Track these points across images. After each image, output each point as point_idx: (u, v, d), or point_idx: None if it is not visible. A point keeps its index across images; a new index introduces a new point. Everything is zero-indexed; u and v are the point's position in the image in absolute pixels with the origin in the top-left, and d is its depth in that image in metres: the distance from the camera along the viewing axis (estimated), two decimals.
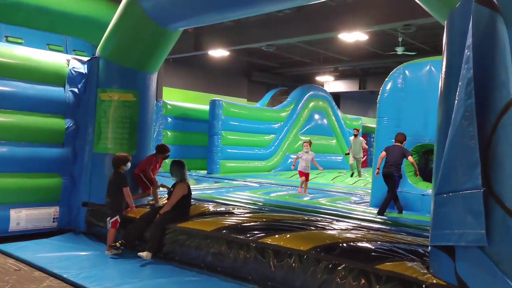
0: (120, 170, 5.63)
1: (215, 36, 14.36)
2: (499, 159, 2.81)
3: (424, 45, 16.03)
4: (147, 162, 6.33)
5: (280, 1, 4.99)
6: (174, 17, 5.85)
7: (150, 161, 6.37)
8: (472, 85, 2.90)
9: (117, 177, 5.62)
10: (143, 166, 6.28)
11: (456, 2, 3.29)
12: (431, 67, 7.40)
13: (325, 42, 16.78)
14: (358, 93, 25.51)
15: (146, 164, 6.31)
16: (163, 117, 13.65)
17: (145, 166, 6.29)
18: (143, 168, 6.27)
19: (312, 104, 16.80)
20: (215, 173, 13.31)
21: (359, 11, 10.94)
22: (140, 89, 6.38)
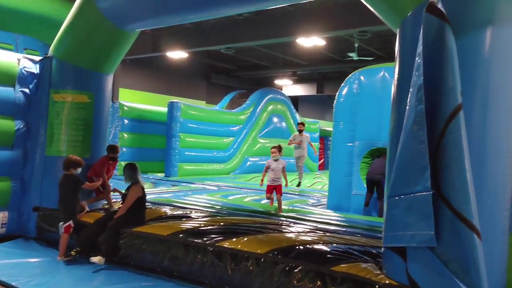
0: (70, 173, 5.47)
1: (174, 38, 14.23)
2: (447, 163, 2.92)
3: (379, 51, 16.51)
4: (100, 164, 6.17)
5: (239, 5, 5.00)
6: (131, 18, 5.76)
7: (103, 163, 6.20)
8: (423, 92, 3.01)
9: (69, 179, 5.45)
10: (97, 168, 6.12)
11: (408, 11, 3.41)
12: (385, 73, 7.62)
13: (284, 46, 16.97)
14: (315, 97, 25.95)
15: (100, 166, 6.15)
16: (120, 119, 13.36)
17: (99, 168, 6.13)
18: (96, 171, 6.11)
19: (271, 107, 16.93)
20: (173, 176, 13.16)
21: (316, 16, 11.16)
22: (95, 90, 6.23)
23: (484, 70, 3.08)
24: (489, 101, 3.08)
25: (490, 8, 3.08)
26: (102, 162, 6.19)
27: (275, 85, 23.14)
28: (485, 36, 3.07)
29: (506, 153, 3.17)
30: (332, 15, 10.92)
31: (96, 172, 6.08)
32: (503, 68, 3.12)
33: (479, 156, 3.05)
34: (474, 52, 3.09)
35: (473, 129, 3.03)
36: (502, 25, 3.09)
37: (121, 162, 12.82)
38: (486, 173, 3.09)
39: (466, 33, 3.08)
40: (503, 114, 3.13)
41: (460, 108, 2.89)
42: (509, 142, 3.18)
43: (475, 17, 3.10)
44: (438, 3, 3.05)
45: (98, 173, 6.08)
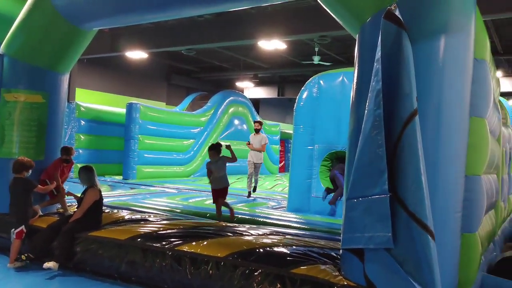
0: (22, 176, 5.25)
1: (134, 37, 13.97)
2: (402, 166, 3.00)
3: (338, 56, 16.82)
4: (54, 167, 5.95)
5: (198, 7, 4.96)
6: (88, 16, 5.60)
7: (57, 165, 5.99)
8: (381, 97, 3.08)
9: (20, 183, 5.23)
10: (50, 171, 5.90)
11: (367, 18, 3.48)
12: (344, 78, 7.76)
13: (245, 49, 17.00)
14: (276, 100, 26.13)
15: (53, 169, 5.93)
16: (76, 120, 12.99)
17: (52, 171, 5.91)
18: (50, 174, 5.89)
19: (232, 109, 16.91)
20: (131, 179, 12.91)
21: (277, 20, 11.24)
22: (49, 90, 6.01)
23: (438, 76, 3.19)
24: (443, 106, 3.19)
25: (443, 17, 3.19)
26: (55, 165, 5.97)
27: (236, 87, 23.14)
28: (439, 43, 3.18)
29: (458, 156, 3.29)
30: (293, 19, 11.04)
31: (50, 175, 5.87)
32: (455, 74, 3.24)
33: (433, 159, 3.15)
34: (429, 58, 3.20)
35: (428, 133, 3.13)
36: (455, 33, 3.22)
37: (77, 164, 12.47)
38: (439, 176, 3.19)
39: (421, 40, 3.18)
40: (455, 119, 3.25)
41: (416, 113, 2.97)
42: (461, 146, 3.31)
43: (430, 25, 3.21)
44: (396, 11, 3.13)
45: (52, 176, 5.86)
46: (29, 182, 5.29)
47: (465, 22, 3.28)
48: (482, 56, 3.62)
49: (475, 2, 3.38)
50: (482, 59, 3.60)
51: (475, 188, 3.53)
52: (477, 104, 3.47)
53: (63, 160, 6.06)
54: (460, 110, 3.25)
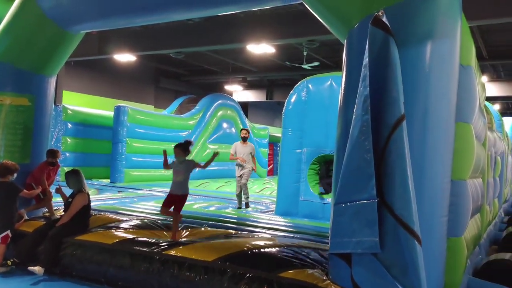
0: (6, 180, 5.19)
1: (122, 40, 13.90)
2: (390, 171, 3.02)
3: (326, 59, 16.90)
4: (40, 170, 5.88)
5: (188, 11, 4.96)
6: (75, 19, 5.56)
7: (42, 169, 5.92)
8: (369, 102, 3.10)
9: (5, 187, 5.16)
10: (36, 175, 5.84)
11: (354, 23, 3.51)
12: (332, 82, 7.80)
13: (234, 52, 17.01)
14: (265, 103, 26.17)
15: (39, 172, 5.86)
16: (63, 123, 12.86)
17: (38, 174, 5.85)
18: (36, 177, 5.83)
19: (220, 112, 16.88)
20: (119, 182, 12.81)
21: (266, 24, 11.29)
22: (36, 93, 5.95)
23: (424, 81, 3.23)
24: (429, 111, 3.23)
25: (429, 23, 3.23)
26: (41, 168, 5.91)
27: (225, 91, 23.13)
28: (425, 49, 3.22)
29: (444, 161, 3.33)
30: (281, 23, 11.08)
31: (36, 178, 5.80)
32: (442, 80, 3.28)
33: (419, 164, 3.18)
34: (416, 64, 3.23)
35: (415, 138, 3.16)
36: (440, 39, 3.26)
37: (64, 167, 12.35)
38: (426, 181, 3.22)
39: (408, 46, 3.21)
40: (442, 124, 3.28)
41: (403, 118, 3.00)
42: (447, 151, 3.35)
43: (416, 31, 3.24)
44: (383, 17, 3.16)
45: (38, 179, 5.80)
46: (14, 186, 5.23)
47: (451, 29, 3.32)
48: (468, 62, 3.67)
49: (461, 9, 3.43)
50: (467, 65, 3.65)
51: (461, 193, 3.57)
52: (462, 109, 3.51)
53: (49, 163, 6.00)
54: (446, 115, 3.29)
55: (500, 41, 14.46)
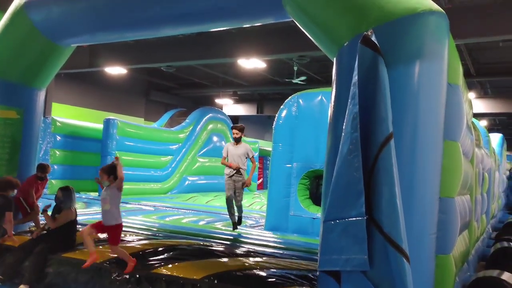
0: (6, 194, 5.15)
1: (113, 53, 13.90)
2: (378, 189, 3.03)
3: (317, 75, 17.04)
4: (28, 184, 5.82)
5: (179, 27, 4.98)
6: (66, 32, 5.55)
7: (31, 183, 5.86)
8: (358, 120, 3.12)
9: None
10: (25, 188, 5.77)
11: (344, 42, 3.55)
12: (323, 97, 7.85)
13: (225, 66, 17.09)
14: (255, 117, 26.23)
15: (28, 186, 5.80)
16: (52, 135, 12.77)
17: (27, 188, 5.78)
18: (25, 191, 5.76)
19: (211, 126, 16.88)
20: None
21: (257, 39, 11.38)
22: (25, 106, 5.91)
23: (413, 100, 3.26)
24: (418, 129, 3.26)
25: (418, 43, 3.28)
26: (30, 182, 5.85)
27: (215, 104, 23.17)
28: (414, 68, 3.26)
29: (433, 179, 3.35)
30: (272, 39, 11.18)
31: (24, 192, 5.73)
32: (430, 98, 3.32)
33: (408, 182, 3.20)
34: (404, 83, 3.26)
35: (403, 156, 3.18)
36: (428, 59, 3.30)
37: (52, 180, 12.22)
38: (414, 198, 3.24)
39: (397, 65, 3.25)
40: (430, 142, 3.31)
41: (391, 136, 3.02)
42: (435, 169, 3.37)
43: (405, 51, 3.29)
44: (372, 36, 3.20)
45: (27, 193, 5.73)
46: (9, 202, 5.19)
47: (439, 48, 3.37)
48: (455, 81, 3.72)
49: (448, 29, 3.49)
50: (455, 84, 3.70)
51: (449, 210, 3.59)
52: (450, 128, 3.55)
53: (38, 178, 5.95)
54: (435, 133, 3.32)
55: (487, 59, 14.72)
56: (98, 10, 4.97)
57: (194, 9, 4.58)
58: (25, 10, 5.42)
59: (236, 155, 7.43)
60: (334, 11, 3.58)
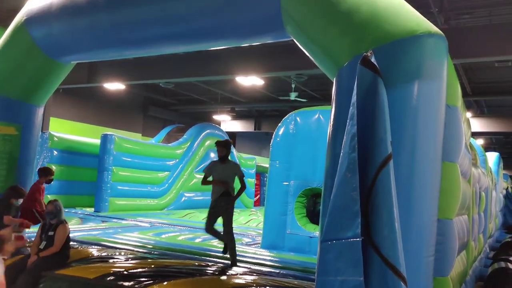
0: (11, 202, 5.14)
1: (112, 69, 13.95)
2: (376, 210, 3.02)
3: (314, 92, 17.13)
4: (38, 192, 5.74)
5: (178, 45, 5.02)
6: (66, 50, 5.58)
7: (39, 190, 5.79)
8: (356, 140, 3.12)
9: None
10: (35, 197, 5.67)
11: (344, 62, 3.57)
12: (320, 115, 7.88)
13: (223, 83, 17.17)
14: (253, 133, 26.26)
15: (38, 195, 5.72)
16: (49, 150, 12.74)
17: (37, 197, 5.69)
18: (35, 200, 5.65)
19: (208, 142, 16.87)
20: (103, 211, 12.61)
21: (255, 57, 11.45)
22: (23, 122, 5.90)
23: (412, 121, 3.28)
24: (416, 151, 3.27)
25: (417, 64, 3.31)
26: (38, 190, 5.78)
27: (213, 120, 23.21)
28: (413, 89, 3.28)
29: (431, 200, 3.34)
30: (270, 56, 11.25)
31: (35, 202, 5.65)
32: (429, 120, 3.33)
33: (406, 203, 3.19)
34: (403, 104, 3.28)
35: (402, 178, 3.17)
36: (427, 80, 3.33)
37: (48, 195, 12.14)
38: (413, 220, 3.23)
39: (396, 86, 3.27)
40: (429, 163, 3.31)
41: (390, 158, 3.02)
42: (434, 190, 3.37)
43: (404, 72, 3.31)
44: (372, 57, 3.22)
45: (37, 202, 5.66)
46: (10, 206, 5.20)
47: (437, 70, 3.40)
48: (454, 102, 3.74)
49: (447, 51, 3.52)
50: (453, 106, 3.72)
51: (447, 232, 3.58)
52: (449, 149, 3.56)
53: (47, 181, 5.92)
54: (433, 155, 3.33)
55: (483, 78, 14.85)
56: (98, 29, 5.01)
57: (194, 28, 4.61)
58: (26, 27, 5.45)
59: (224, 175, 6.23)
60: (335, 32, 3.62)
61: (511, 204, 20.21)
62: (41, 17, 5.36)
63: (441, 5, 9.62)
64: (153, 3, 4.58)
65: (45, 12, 5.30)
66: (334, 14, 3.61)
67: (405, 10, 3.52)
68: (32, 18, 5.41)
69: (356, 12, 3.49)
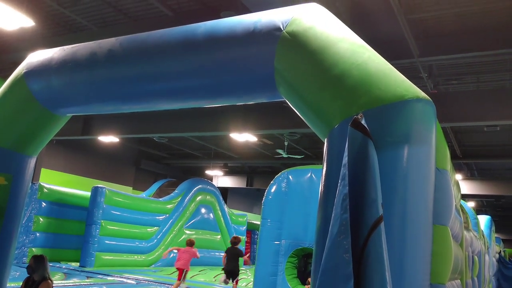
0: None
1: (106, 123, 14.11)
2: (368, 273, 2.98)
3: (307, 150, 17.29)
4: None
5: (174, 102, 5.11)
6: (64, 103, 5.65)
7: None
8: (348, 201, 3.12)
9: None
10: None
11: (335, 124, 3.65)
12: (312, 174, 7.92)
13: (216, 139, 17.34)
14: (245, 190, 26.18)
15: None
16: (37, 201, 12.58)
17: None
18: None
19: (199, 197, 16.78)
20: (89, 267, 12.28)
21: (249, 115, 11.67)
22: (14, 172, 5.85)
23: (402, 184, 3.30)
24: (407, 213, 3.27)
25: (405, 129, 3.39)
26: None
27: (206, 175, 23.18)
28: (402, 152, 3.33)
29: (423, 264, 3.31)
30: (264, 115, 11.49)
31: None
32: (419, 182, 3.36)
33: (398, 267, 3.15)
34: (393, 166, 3.32)
35: (393, 240, 3.16)
36: (416, 144, 3.39)
37: (33, 248, 11.85)
38: (405, 284, 3.17)
39: (386, 149, 3.32)
40: (420, 226, 3.31)
41: (381, 219, 3.02)
42: (426, 254, 3.34)
43: (393, 135, 3.38)
44: (362, 119, 3.30)
45: None
46: None
47: (426, 134, 3.47)
48: (443, 166, 3.79)
49: (435, 115, 3.62)
50: (443, 169, 3.77)
51: None
52: (439, 212, 3.57)
53: None
54: (424, 218, 3.33)
55: (473, 142, 15.14)
56: (96, 84, 5.11)
57: (190, 87, 4.72)
58: (25, 79, 5.55)
59: None
60: (326, 95, 3.72)
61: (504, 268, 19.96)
62: (40, 70, 5.47)
63: (430, 71, 9.98)
64: (151, 61, 4.72)
65: (45, 65, 5.42)
66: (326, 78, 3.73)
67: (394, 76, 3.65)
68: (31, 71, 5.52)
69: (348, 76, 3.61)
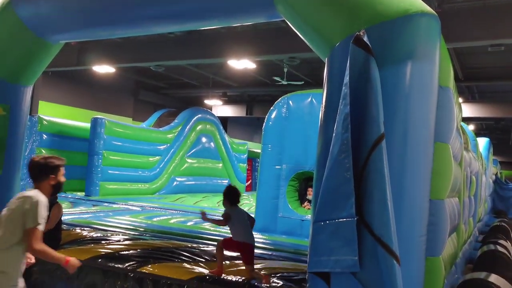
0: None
1: (101, 52, 13.78)
2: (369, 190, 3.01)
3: (307, 77, 17.07)
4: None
5: (169, 24, 4.93)
6: (55, 28, 5.46)
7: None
8: (349, 120, 3.10)
9: None
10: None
11: (336, 42, 3.53)
12: (313, 99, 7.85)
13: (214, 67, 17.05)
14: (245, 119, 26.21)
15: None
16: (38, 134, 12.59)
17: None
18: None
19: (200, 127, 16.79)
20: (94, 195, 12.56)
21: (248, 40, 11.36)
22: (11, 102, 5.78)
23: (404, 101, 3.25)
24: (409, 131, 3.25)
25: (409, 44, 3.28)
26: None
27: (205, 105, 23.08)
28: (405, 69, 3.25)
29: (423, 180, 3.34)
30: (263, 39, 11.17)
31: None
32: (421, 100, 3.31)
33: (399, 184, 3.18)
34: (395, 84, 3.25)
35: (394, 157, 3.16)
36: (420, 60, 3.30)
37: None
38: (405, 200, 3.22)
39: (388, 66, 3.24)
40: (421, 143, 3.30)
41: (383, 137, 3.00)
42: (426, 171, 3.36)
43: (396, 52, 3.27)
44: (364, 36, 3.19)
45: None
46: None
47: (430, 50, 3.37)
48: (446, 83, 3.72)
49: (439, 31, 3.49)
50: (446, 87, 3.70)
51: (439, 212, 3.59)
52: (441, 130, 3.55)
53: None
54: (426, 135, 3.32)
55: (476, 64, 14.88)
56: (87, 7, 4.91)
57: (185, 8, 4.54)
58: (12, 5, 5.32)
59: None
60: (327, 11, 3.56)
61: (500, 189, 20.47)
62: None
63: None
64: None
65: None
66: None
67: None
68: None
69: None
